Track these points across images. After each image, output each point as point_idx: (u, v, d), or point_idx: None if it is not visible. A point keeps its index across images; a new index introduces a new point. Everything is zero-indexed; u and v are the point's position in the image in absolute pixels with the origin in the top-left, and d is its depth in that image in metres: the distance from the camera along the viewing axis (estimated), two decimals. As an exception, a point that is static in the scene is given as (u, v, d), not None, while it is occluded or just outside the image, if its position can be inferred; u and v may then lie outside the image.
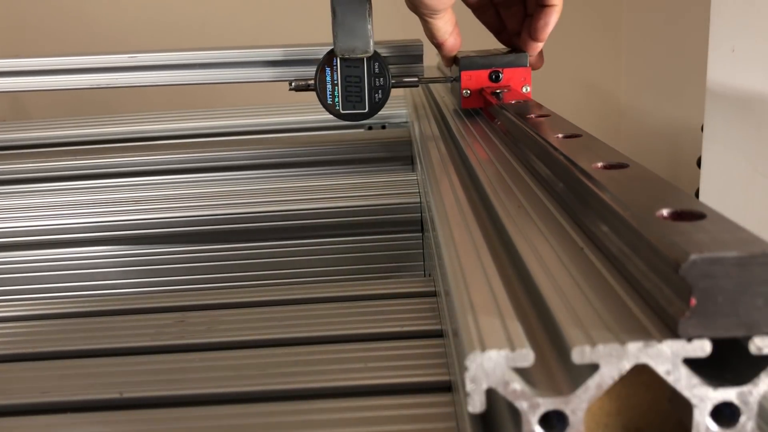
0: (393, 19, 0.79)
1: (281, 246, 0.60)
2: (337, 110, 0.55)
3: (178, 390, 0.35)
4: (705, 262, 0.19)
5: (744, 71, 0.66)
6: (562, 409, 0.20)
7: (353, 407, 0.33)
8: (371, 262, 0.59)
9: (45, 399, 0.35)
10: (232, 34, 1.47)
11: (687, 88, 1.11)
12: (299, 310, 0.43)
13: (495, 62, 0.56)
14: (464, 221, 0.33)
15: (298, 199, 0.60)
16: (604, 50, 1.47)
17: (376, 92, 0.55)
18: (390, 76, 0.55)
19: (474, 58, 0.57)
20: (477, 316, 0.22)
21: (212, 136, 0.85)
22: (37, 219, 0.60)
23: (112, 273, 0.60)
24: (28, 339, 0.41)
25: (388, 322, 0.40)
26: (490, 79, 0.57)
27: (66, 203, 0.62)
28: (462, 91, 0.57)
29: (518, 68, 0.56)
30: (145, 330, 0.41)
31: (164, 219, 0.59)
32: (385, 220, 0.59)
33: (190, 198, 0.62)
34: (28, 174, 0.72)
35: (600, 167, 0.30)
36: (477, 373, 0.20)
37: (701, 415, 0.20)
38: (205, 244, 0.59)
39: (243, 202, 0.60)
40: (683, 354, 0.20)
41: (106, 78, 0.62)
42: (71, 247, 0.60)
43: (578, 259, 0.26)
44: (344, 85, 0.55)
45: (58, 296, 0.60)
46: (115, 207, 0.61)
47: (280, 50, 0.59)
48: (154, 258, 0.59)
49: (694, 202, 0.24)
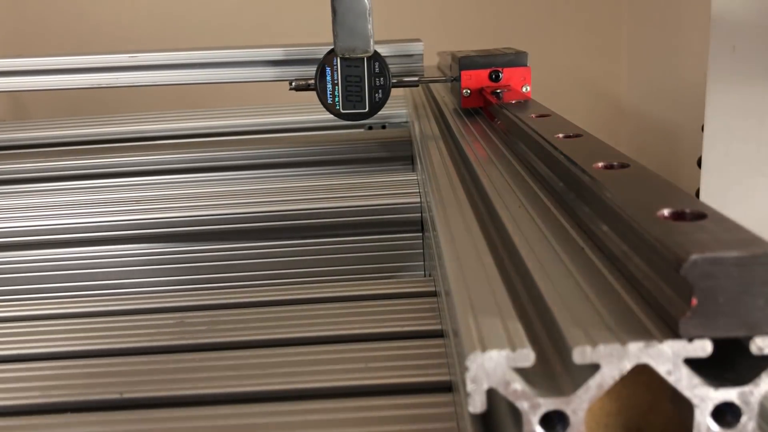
0: (393, 19, 0.79)
1: (281, 246, 0.59)
2: (337, 110, 0.56)
3: (178, 390, 0.35)
4: (706, 262, 0.19)
5: (744, 71, 0.65)
6: (563, 409, 0.20)
7: (354, 407, 0.33)
8: (371, 262, 0.59)
9: (45, 399, 0.35)
10: (232, 34, 1.47)
11: (687, 88, 1.12)
12: (299, 310, 0.43)
13: (495, 62, 0.57)
14: (464, 221, 0.33)
15: (298, 199, 0.60)
16: (604, 50, 1.47)
17: (376, 92, 0.55)
18: (390, 76, 0.55)
19: (474, 57, 0.57)
20: (477, 316, 0.22)
21: (212, 136, 0.85)
22: (37, 219, 0.60)
23: (112, 273, 0.60)
24: (28, 339, 0.41)
25: (389, 322, 0.40)
26: (490, 78, 0.57)
27: (66, 203, 0.62)
28: (462, 90, 0.57)
29: (518, 68, 0.57)
30: (145, 330, 0.41)
31: (164, 219, 0.59)
32: (385, 220, 0.59)
33: (190, 198, 0.62)
34: (28, 174, 0.72)
35: (600, 167, 0.30)
36: (478, 373, 0.20)
37: (702, 416, 0.20)
38: (205, 244, 0.59)
39: (243, 202, 0.60)
40: (684, 354, 0.20)
41: (106, 78, 0.62)
42: (71, 247, 0.60)
43: (579, 259, 0.26)
44: (344, 85, 0.55)
45: (58, 296, 0.60)
46: (115, 207, 0.61)
47: (280, 50, 0.59)
48: (154, 258, 0.59)
49: (695, 202, 0.24)
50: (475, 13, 1.37)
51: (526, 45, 0.70)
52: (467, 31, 1.36)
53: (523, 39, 1.26)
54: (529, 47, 0.61)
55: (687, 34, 1.12)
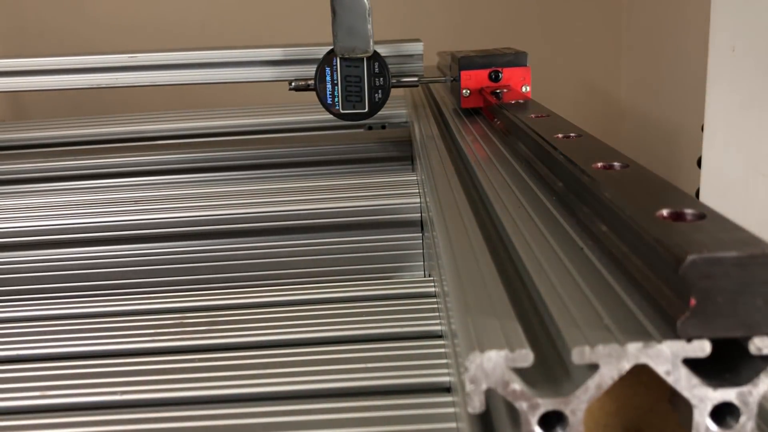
0: (393, 19, 0.79)
1: (281, 246, 0.59)
2: (337, 110, 0.56)
3: (178, 390, 0.35)
4: (704, 263, 0.19)
5: (744, 71, 0.65)
6: (562, 410, 0.20)
7: (353, 408, 0.33)
8: (371, 262, 0.59)
9: (45, 399, 0.35)
10: (232, 34, 1.47)
11: (687, 88, 1.11)
12: (299, 311, 0.43)
13: (494, 62, 0.57)
14: (464, 221, 0.33)
15: (298, 199, 0.60)
16: (604, 50, 1.47)
17: (375, 92, 0.55)
18: (390, 76, 0.55)
19: (474, 57, 0.57)
20: (476, 317, 0.22)
21: (212, 136, 0.85)
22: (37, 219, 0.60)
23: (112, 273, 0.60)
24: (28, 339, 0.41)
25: (388, 322, 0.40)
26: (489, 78, 0.57)
27: (66, 203, 0.62)
28: (462, 90, 0.58)
29: (518, 68, 0.57)
30: (145, 330, 0.41)
31: (164, 219, 0.59)
32: (385, 220, 0.59)
33: (190, 198, 0.62)
34: (28, 174, 0.72)
35: (600, 167, 0.30)
36: (476, 374, 0.20)
37: (701, 416, 0.20)
38: (205, 244, 0.59)
39: (243, 202, 0.60)
40: (683, 354, 0.20)
41: (106, 78, 0.62)
42: (71, 247, 0.60)
43: (578, 259, 0.26)
44: (344, 85, 0.55)
45: (58, 296, 0.60)
46: (116, 207, 0.61)
47: (280, 50, 0.60)
48: (154, 258, 0.59)
49: (694, 202, 0.24)
50: (475, 13, 1.37)
51: (527, 45, 0.70)
52: (467, 31, 1.36)
53: (523, 39, 1.26)
54: (529, 47, 0.62)
55: (687, 33, 1.12)
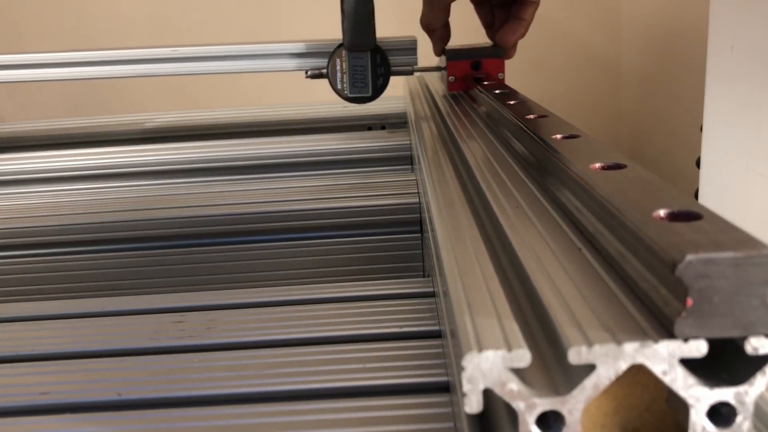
0: (393, 19, 0.83)
1: (281, 246, 0.60)
2: (345, 94, 0.67)
3: (178, 390, 0.35)
4: (701, 263, 0.19)
5: (743, 71, 0.65)
6: (559, 410, 0.20)
7: (352, 408, 0.33)
8: (371, 262, 0.59)
9: (45, 399, 0.35)
10: (232, 34, 1.47)
11: (686, 88, 1.11)
12: (299, 311, 0.43)
13: (476, 54, 0.69)
14: (462, 221, 0.33)
15: (298, 199, 0.60)
16: (604, 50, 1.47)
17: (378, 79, 0.67)
18: (390, 66, 0.67)
19: (459, 50, 0.70)
20: (474, 317, 0.22)
21: (213, 136, 0.85)
22: (37, 219, 0.60)
23: (112, 273, 0.60)
24: (28, 339, 0.41)
25: (388, 322, 0.41)
26: (472, 67, 0.69)
27: (66, 203, 0.62)
28: (449, 77, 0.70)
29: (495, 59, 0.70)
30: (144, 330, 0.41)
31: (164, 219, 0.59)
32: (385, 220, 0.59)
33: (190, 198, 0.62)
34: (28, 174, 0.72)
35: (598, 168, 0.30)
36: (474, 374, 0.20)
37: (698, 415, 0.21)
38: (205, 244, 0.60)
39: (243, 202, 0.60)
40: (679, 354, 0.20)
41: (150, 68, 0.72)
42: (71, 247, 0.60)
43: (576, 260, 0.26)
44: (351, 73, 0.66)
45: (58, 296, 0.60)
46: (115, 207, 0.61)
47: (300, 44, 0.70)
48: (155, 258, 0.60)
49: (691, 203, 0.24)
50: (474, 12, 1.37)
51: (526, 45, 0.71)
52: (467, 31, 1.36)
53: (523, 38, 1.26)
54: (530, 46, 0.63)
55: (686, 33, 1.12)
